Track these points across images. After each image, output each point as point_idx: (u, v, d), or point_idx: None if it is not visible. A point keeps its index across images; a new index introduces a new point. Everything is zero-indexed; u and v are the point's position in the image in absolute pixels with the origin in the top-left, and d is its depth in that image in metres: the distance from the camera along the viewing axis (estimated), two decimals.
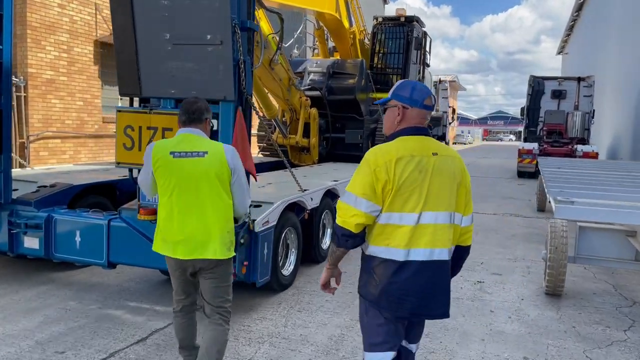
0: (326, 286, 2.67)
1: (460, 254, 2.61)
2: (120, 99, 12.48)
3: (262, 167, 9.29)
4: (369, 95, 11.72)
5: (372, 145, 11.41)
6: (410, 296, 2.37)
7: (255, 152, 13.30)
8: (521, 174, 18.98)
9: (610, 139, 25.26)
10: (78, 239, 5.06)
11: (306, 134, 10.32)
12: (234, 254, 3.21)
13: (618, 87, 24.43)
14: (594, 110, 19.99)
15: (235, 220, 3.32)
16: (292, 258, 5.54)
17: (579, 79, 20.26)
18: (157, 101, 4.65)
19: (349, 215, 2.37)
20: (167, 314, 4.64)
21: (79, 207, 5.56)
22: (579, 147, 17.71)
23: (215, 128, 4.35)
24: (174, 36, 4.20)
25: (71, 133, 11.89)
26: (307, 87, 10.81)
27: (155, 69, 4.33)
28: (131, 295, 5.20)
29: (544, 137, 19.16)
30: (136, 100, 4.74)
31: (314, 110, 10.34)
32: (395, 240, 2.36)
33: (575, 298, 5.45)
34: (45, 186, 5.60)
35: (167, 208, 3.10)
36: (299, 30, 13.82)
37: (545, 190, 6.59)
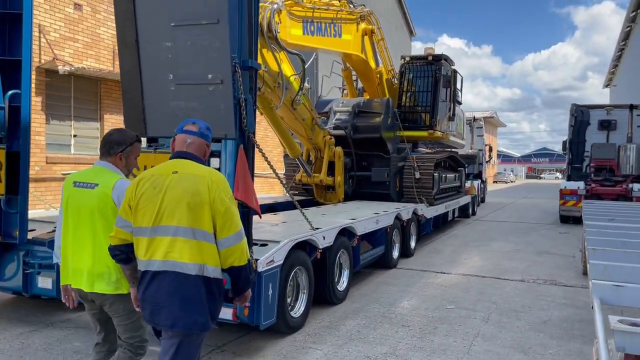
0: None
1: (234, 274, 2.71)
2: (74, 136, 12.37)
3: (288, 206, 9.24)
4: (396, 134, 11.66)
5: (400, 184, 11.30)
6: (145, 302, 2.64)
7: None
8: (564, 219, 16.29)
9: None
10: None
11: (331, 172, 10.28)
12: (124, 291, 3.06)
13: None
14: None
15: None
16: (303, 299, 5.38)
17: (632, 107, 17.30)
18: (163, 141, 4.70)
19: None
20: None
21: None
22: (636, 186, 14.96)
23: (217, 166, 4.35)
24: (177, 76, 4.26)
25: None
26: (332, 127, 10.84)
27: (160, 109, 4.38)
28: None
29: (592, 175, 16.57)
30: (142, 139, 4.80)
31: (338, 149, 10.32)
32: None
33: None
34: None
35: (64, 236, 3.16)
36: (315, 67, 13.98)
37: (587, 261, 4.72)
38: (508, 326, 5.62)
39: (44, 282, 5.27)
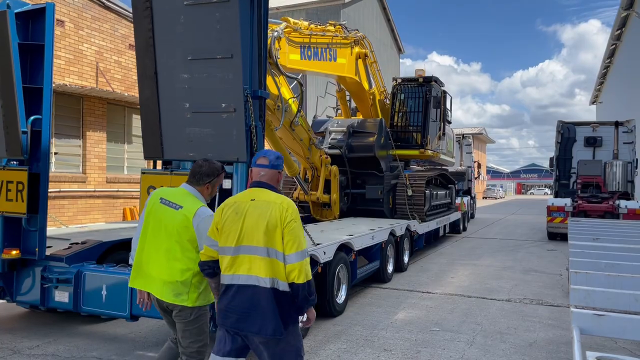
0: None
1: (294, 290, 3.01)
2: (55, 153, 12.07)
3: None
4: (388, 153, 12.11)
5: (393, 201, 11.72)
6: (230, 312, 3.02)
7: None
8: (552, 236, 16.18)
9: None
10: (104, 292, 5.38)
11: (327, 190, 10.68)
12: (188, 304, 3.40)
13: None
14: (637, 160, 17.18)
15: None
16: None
17: (617, 124, 17.55)
18: (177, 163, 5.07)
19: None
20: None
21: (107, 262, 5.94)
22: (622, 202, 15.01)
23: (229, 187, 4.72)
24: (192, 105, 4.65)
25: None
26: (328, 146, 11.27)
27: (176, 134, 4.77)
28: (150, 347, 5.45)
29: (579, 192, 16.72)
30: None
31: (334, 168, 10.73)
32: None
33: None
34: (77, 243, 6.02)
35: (141, 241, 3.53)
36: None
37: (569, 285, 4.68)
38: (492, 349, 5.46)
39: (61, 296, 5.56)
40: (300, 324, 3.20)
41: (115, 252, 6.26)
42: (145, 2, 4.67)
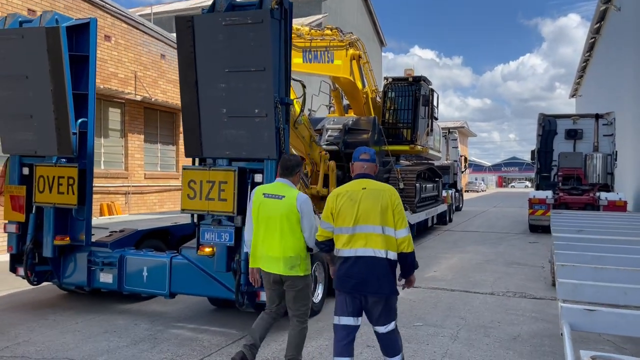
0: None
1: (403, 258, 3.78)
2: None
3: None
4: (381, 148, 12.95)
5: None
6: (350, 278, 3.72)
7: None
8: (533, 228, 16.30)
9: (637, 183, 22.21)
10: (145, 273, 6.15)
11: (326, 184, 11.49)
12: (300, 273, 4.21)
13: (639, 125, 22.17)
14: (616, 152, 17.36)
15: (310, 249, 4.35)
16: (320, 289, 6.53)
17: (597, 116, 17.66)
18: (212, 161, 5.83)
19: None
20: (221, 333, 5.67)
21: (143, 247, 6.70)
22: (603, 194, 15.21)
23: (261, 181, 5.51)
24: (229, 111, 5.44)
25: None
26: (325, 143, 12.08)
27: (214, 136, 5.55)
28: (188, 319, 6.24)
29: (560, 184, 16.75)
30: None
31: (332, 163, 11.53)
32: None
33: None
34: (115, 231, 6.77)
35: (255, 232, 4.28)
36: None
37: (555, 277, 4.67)
38: (477, 344, 5.44)
39: (106, 277, 6.32)
40: (405, 287, 4.01)
41: (148, 239, 7.03)
42: (188, 21, 5.43)
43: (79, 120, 6.26)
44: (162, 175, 15.65)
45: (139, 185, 14.44)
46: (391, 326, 3.78)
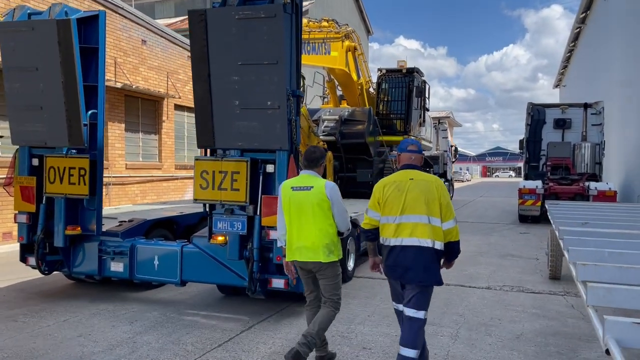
0: (374, 268, 4.26)
1: (450, 247, 3.93)
2: (1, 136, 10.77)
3: None
4: (376, 139, 13.15)
5: None
6: (395, 266, 3.86)
7: None
8: (523, 218, 16.27)
9: (622, 173, 21.72)
10: (156, 262, 6.28)
11: (323, 175, 11.65)
12: (335, 259, 4.35)
13: (625, 115, 21.70)
14: (604, 141, 17.34)
15: (341, 234, 4.50)
16: (352, 258, 6.75)
17: (586, 105, 17.61)
18: (222, 151, 5.95)
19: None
20: (232, 319, 5.83)
21: (152, 237, 6.82)
22: (592, 184, 15.13)
23: (272, 171, 5.65)
24: (242, 102, 5.56)
25: None
26: (322, 133, 12.24)
27: (226, 127, 5.67)
28: (200, 307, 6.38)
29: (548, 174, 16.68)
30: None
31: (329, 153, 11.69)
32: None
33: None
34: (125, 221, 6.88)
35: (289, 226, 4.39)
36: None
37: (572, 270, 4.06)
38: (479, 344, 5.14)
39: (116, 266, 6.43)
40: (445, 267, 4.10)
41: (156, 228, 7.15)
42: (201, 15, 5.54)
43: (89, 112, 6.34)
44: (144, 166, 15.24)
45: (120, 175, 14.03)
46: (420, 314, 3.84)
